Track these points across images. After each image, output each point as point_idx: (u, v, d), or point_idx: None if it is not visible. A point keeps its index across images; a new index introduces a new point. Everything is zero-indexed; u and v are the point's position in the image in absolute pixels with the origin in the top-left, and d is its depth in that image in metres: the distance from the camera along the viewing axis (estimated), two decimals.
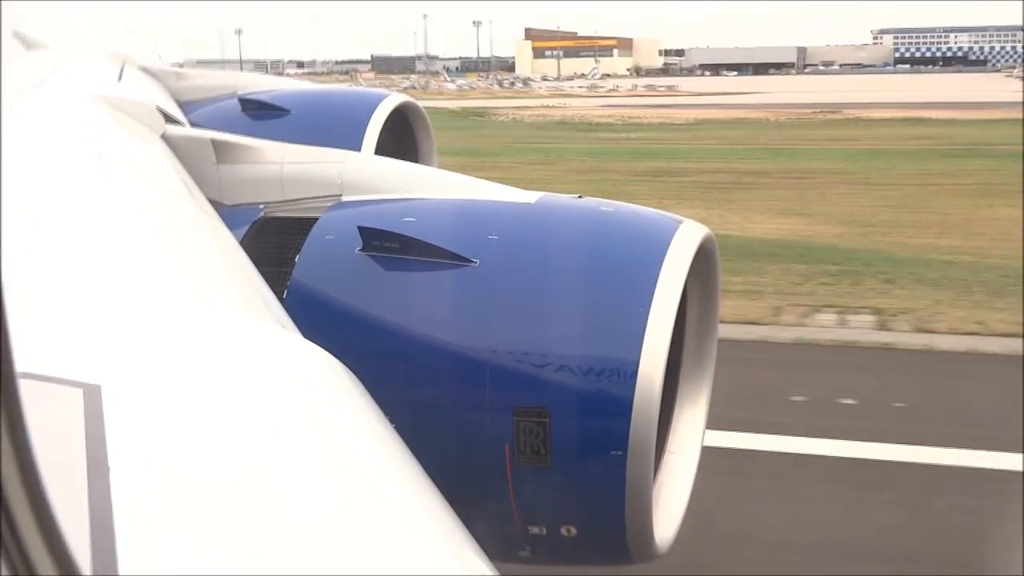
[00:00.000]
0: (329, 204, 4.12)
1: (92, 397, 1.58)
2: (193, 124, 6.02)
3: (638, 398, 3.38)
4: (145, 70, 7.57)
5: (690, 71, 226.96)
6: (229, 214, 3.95)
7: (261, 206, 4.22)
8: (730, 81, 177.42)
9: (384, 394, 2.25)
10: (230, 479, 1.51)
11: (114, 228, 2.74)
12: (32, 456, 0.92)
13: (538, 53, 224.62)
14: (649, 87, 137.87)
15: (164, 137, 4.42)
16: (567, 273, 3.65)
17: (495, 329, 3.53)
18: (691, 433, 4.10)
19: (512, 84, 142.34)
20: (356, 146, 6.34)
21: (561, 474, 3.48)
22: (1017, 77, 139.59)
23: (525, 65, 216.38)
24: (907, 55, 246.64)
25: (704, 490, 4.08)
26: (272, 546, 1.37)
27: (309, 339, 2.25)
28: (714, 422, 4.26)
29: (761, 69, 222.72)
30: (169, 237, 2.95)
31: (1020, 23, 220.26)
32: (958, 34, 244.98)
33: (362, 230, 3.69)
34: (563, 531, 3.62)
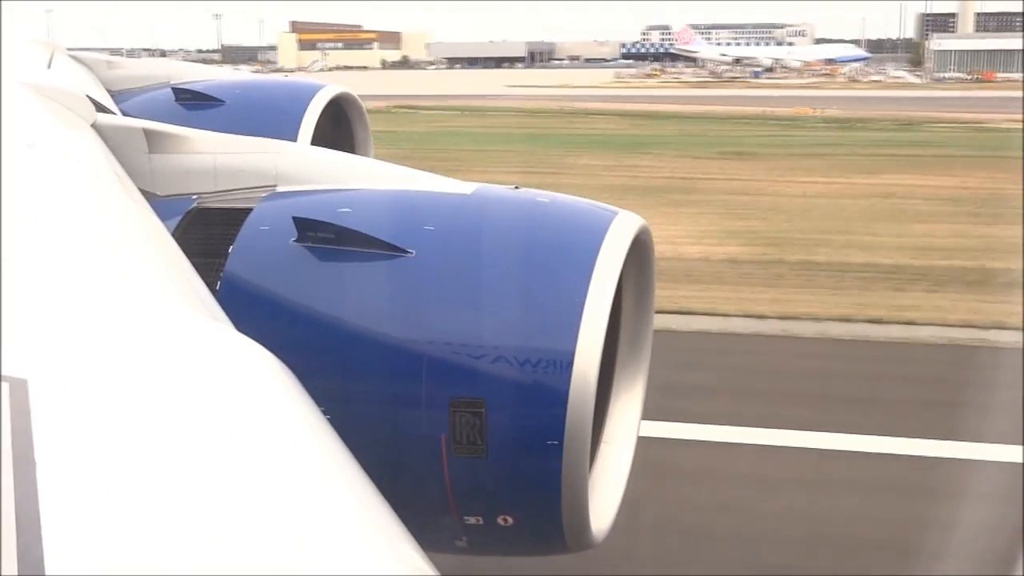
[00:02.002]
0: (264, 195, 4.08)
1: (18, 391, 1.55)
2: (125, 113, 5.93)
3: (574, 389, 3.40)
4: (76, 58, 7.42)
5: (434, 64, 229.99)
6: (162, 205, 3.89)
7: (194, 197, 4.17)
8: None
9: (319, 387, 2.24)
10: (160, 475, 1.50)
11: (42, 219, 2.69)
12: None
13: (308, 45, 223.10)
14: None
15: (95, 126, 4.33)
16: (503, 264, 3.66)
17: (431, 320, 3.53)
18: (627, 423, 4.14)
19: None
20: (292, 137, 6.28)
21: (497, 464, 3.50)
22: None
23: (289, 57, 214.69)
24: (632, 52, 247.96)
25: None
26: (203, 543, 1.36)
27: (242, 332, 2.23)
28: None
29: (498, 63, 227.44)
30: (100, 228, 2.90)
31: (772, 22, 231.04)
32: (719, 31, 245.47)
33: (297, 221, 3.67)
34: (500, 521, 3.63)
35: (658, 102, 79.98)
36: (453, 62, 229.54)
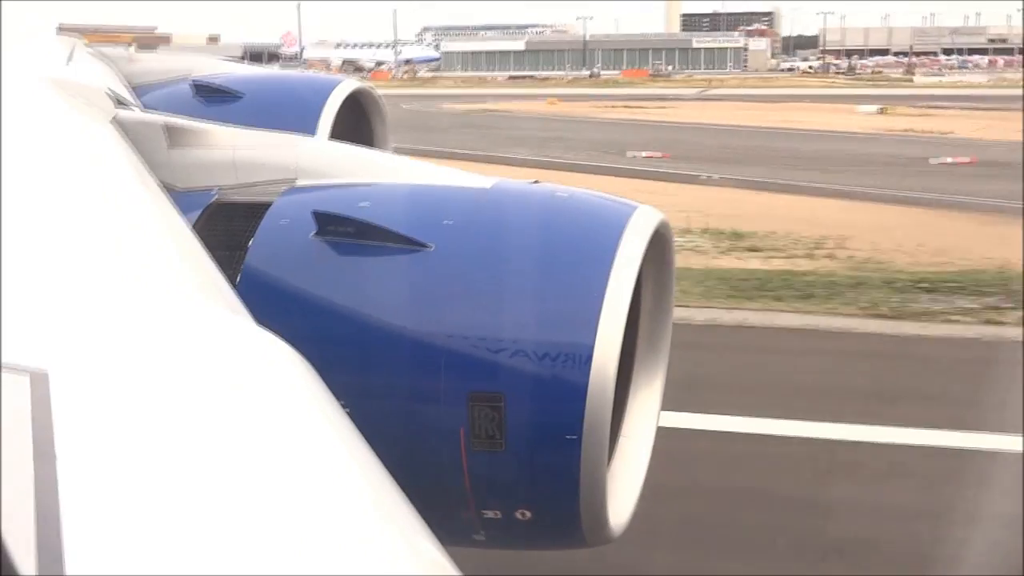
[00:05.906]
0: (283, 188, 4.08)
1: (39, 384, 1.56)
2: (146, 108, 5.95)
3: (592, 383, 3.39)
4: (96, 52, 7.45)
5: None
6: (181, 198, 3.90)
7: (214, 190, 4.17)
8: None
9: (338, 380, 2.24)
10: (181, 469, 1.50)
11: (62, 212, 2.70)
12: None
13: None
14: None
15: (115, 120, 4.35)
16: (522, 258, 3.65)
17: (450, 314, 3.53)
18: (646, 417, 4.13)
19: None
20: (311, 131, 6.29)
21: (516, 458, 3.49)
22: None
23: None
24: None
25: None
26: (223, 538, 1.36)
27: (262, 325, 2.23)
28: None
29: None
30: (119, 221, 2.91)
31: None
32: (491, 31, 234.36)
33: (316, 215, 3.67)
34: (518, 515, 3.63)
35: None
36: None
